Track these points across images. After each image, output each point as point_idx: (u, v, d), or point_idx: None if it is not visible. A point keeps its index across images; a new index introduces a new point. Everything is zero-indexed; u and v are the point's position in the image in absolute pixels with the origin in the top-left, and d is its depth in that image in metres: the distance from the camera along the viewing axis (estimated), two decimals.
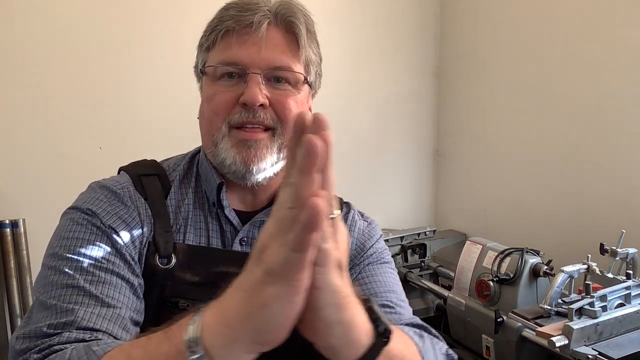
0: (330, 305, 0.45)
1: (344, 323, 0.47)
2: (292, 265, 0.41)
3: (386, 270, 0.85)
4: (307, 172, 0.40)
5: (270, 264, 0.42)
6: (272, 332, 0.44)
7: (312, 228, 0.40)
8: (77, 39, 1.87)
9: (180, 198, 0.81)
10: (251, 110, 0.74)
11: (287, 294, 0.42)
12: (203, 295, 0.55)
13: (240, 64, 0.75)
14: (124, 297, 0.68)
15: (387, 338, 0.52)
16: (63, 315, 0.62)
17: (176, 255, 0.75)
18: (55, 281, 0.66)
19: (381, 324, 0.51)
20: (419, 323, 0.78)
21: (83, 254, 0.68)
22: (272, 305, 0.43)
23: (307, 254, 0.41)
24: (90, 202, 0.74)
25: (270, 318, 0.43)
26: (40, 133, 1.84)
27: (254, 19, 0.74)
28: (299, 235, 0.40)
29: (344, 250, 0.46)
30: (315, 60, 0.81)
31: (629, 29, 1.84)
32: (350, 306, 0.47)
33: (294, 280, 0.42)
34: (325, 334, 0.47)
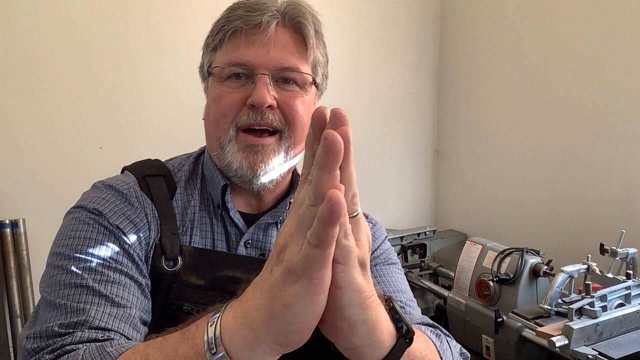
0: (354, 305, 0.44)
1: (368, 323, 0.46)
2: (313, 263, 0.40)
3: (394, 270, 0.85)
4: (328, 168, 0.39)
5: (290, 263, 0.41)
6: (296, 333, 0.43)
7: (332, 221, 0.38)
8: (77, 39, 1.87)
9: (186, 199, 0.80)
10: (259, 111, 0.73)
11: (309, 293, 0.41)
12: (207, 299, 0.55)
13: (248, 65, 0.73)
14: (133, 297, 0.67)
15: (409, 339, 0.51)
16: (74, 315, 0.61)
17: (182, 258, 0.74)
18: (63, 280, 0.65)
19: (404, 324, 0.51)
20: (430, 322, 0.78)
21: (90, 253, 0.67)
22: (294, 305, 0.42)
23: (328, 250, 0.40)
24: (97, 202, 0.73)
25: (293, 319, 0.42)
26: (40, 133, 1.84)
27: (262, 19, 0.73)
28: (319, 230, 0.39)
29: (366, 248, 0.45)
30: (323, 61, 0.80)
31: (629, 30, 1.84)
32: (374, 306, 0.46)
33: (316, 279, 0.41)
34: (349, 334, 0.46)
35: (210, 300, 0.49)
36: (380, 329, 0.47)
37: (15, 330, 1.79)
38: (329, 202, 0.38)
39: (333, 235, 0.40)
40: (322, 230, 0.39)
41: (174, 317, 0.71)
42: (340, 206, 0.38)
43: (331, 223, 0.39)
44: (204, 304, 0.50)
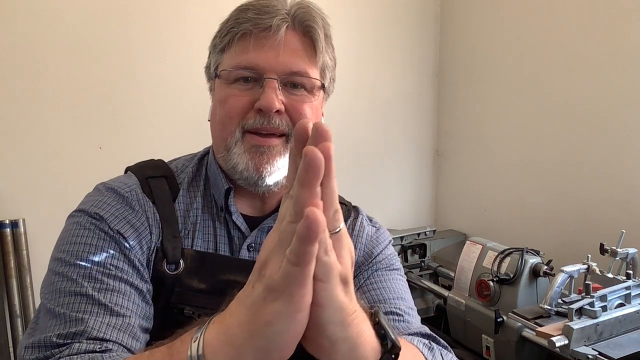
0: (335, 323, 0.44)
1: (350, 340, 0.46)
2: (293, 281, 0.40)
3: (395, 277, 0.84)
4: (307, 184, 0.39)
5: (271, 280, 0.41)
6: (277, 351, 0.43)
7: (310, 239, 0.38)
8: (77, 39, 1.87)
9: (189, 202, 0.79)
10: (266, 116, 0.72)
11: (289, 311, 0.41)
12: (209, 303, 0.55)
13: (257, 69, 0.72)
14: (133, 305, 0.67)
15: (395, 354, 0.51)
16: (72, 325, 0.61)
17: (184, 261, 0.74)
18: (63, 288, 0.65)
19: (389, 340, 0.50)
20: (428, 332, 0.77)
21: (91, 260, 0.67)
22: (275, 323, 0.41)
23: (307, 268, 0.40)
24: (98, 206, 0.72)
25: (274, 336, 0.42)
26: (40, 133, 1.84)
27: (272, 23, 0.71)
28: (297, 248, 0.39)
29: (348, 265, 0.45)
30: (331, 64, 0.80)
31: (630, 30, 1.84)
32: (356, 323, 0.46)
33: (296, 296, 0.41)
34: (330, 351, 0.46)
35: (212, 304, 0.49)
36: (363, 345, 0.47)
37: (15, 330, 1.79)
38: (307, 220, 0.38)
39: (312, 253, 0.39)
40: (300, 248, 0.39)
41: (176, 321, 0.70)
42: (317, 224, 0.38)
43: (309, 241, 0.38)
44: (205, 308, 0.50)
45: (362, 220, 0.88)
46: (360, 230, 0.86)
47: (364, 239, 0.85)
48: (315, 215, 0.38)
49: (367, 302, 0.78)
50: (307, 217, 0.38)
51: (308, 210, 0.38)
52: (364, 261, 0.83)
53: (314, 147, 0.39)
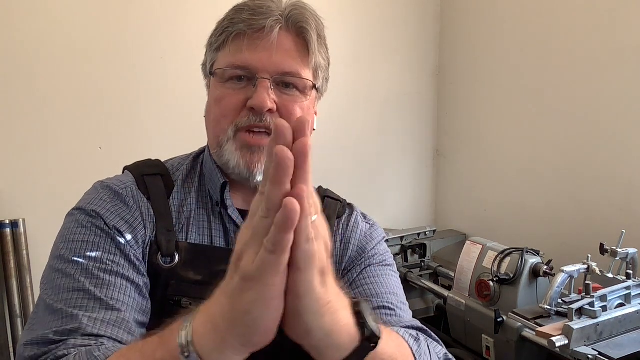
0: (311, 313, 0.46)
1: (325, 328, 0.48)
2: (268, 269, 0.42)
3: (387, 272, 0.85)
4: (278, 182, 0.41)
5: (246, 271, 0.43)
6: (257, 335, 0.46)
7: (287, 228, 0.40)
8: (77, 39, 1.87)
9: (182, 197, 0.81)
10: (258, 114, 0.74)
11: (264, 299, 0.44)
12: (205, 294, 0.55)
13: (251, 68, 0.75)
14: (129, 299, 0.69)
15: (374, 342, 0.52)
16: (68, 322, 0.64)
17: (179, 253, 0.76)
18: (62, 284, 0.67)
19: (367, 328, 0.52)
20: (419, 326, 0.78)
21: (88, 256, 0.69)
22: (252, 311, 0.44)
23: (282, 256, 0.42)
24: (94, 203, 0.75)
25: (253, 323, 0.45)
26: (40, 133, 1.84)
27: (266, 24, 0.74)
28: (275, 236, 0.41)
29: (324, 254, 0.46)
30: (324, 65, 0.82)
31: (630, 30, 1.84)
32: (331, 312, 0.48)
33: (270, 285, 0.43)
34: (307, 337, 0.48)
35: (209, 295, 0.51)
36: (339, 332, 0.49)
37: (15, 330, 1.79)
38: (285, 209, 0.40)
39: (288, 240, 0.41)
40: (278, 237, 0.41)
41: (173, 313, 0.72)
42: (294, 213, 0.40)
43: (287, 229, 0.40)
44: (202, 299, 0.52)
45: (357, 216, 0.90)
46: (354, 226, 0.88)
47: (357, 235, 0.87)
48: (293, 205, 0.40)
49: (359, 296, 0.79)
50: (286, 206, 0.40)
51: (286, 200, 0.40)
52: (357, 256, 0.85)
53: (284, 147, 0.41)
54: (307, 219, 0.42)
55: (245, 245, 0.44)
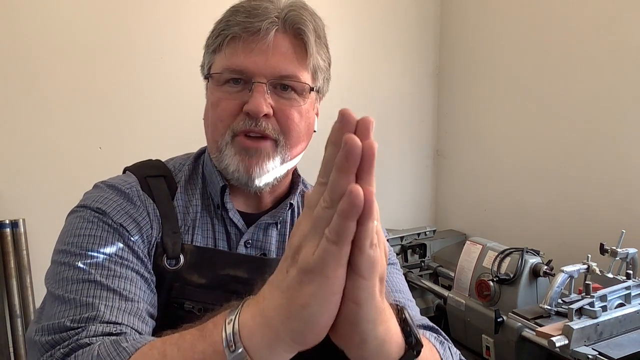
0: (369, 321, 0.45)
1: (379, 337, 0.47)
2: (330, 260, 0.40)
3: (392, 270, 0.85)
4: (345, 171, 0.39)
5: (306, 263, 0.42)
6: (313, 333, 0.44)
7: (352, 215, 0.39)
8: (77, 39, 1.87)
9: (187, 199, 0.81)
10: (254, 119, 0.73)
11: (325, 293, 0.42)
12: (209, 298, 0.55)
13: (246, 72, 0.74)
14: (140, 291, 0.68)
15: (418, 351, 0.52)
16: (84, 310, 0.62)
17: (184, 256, 0.75)
18: (71, 276, 0.66)
19: (413, 337, 0.51)
20: (430, 324, 0.78)
21: (96, 250, 0.68)
22: (311, 305, 0.42)
23: (345, 247, 0.40)
24: (100, 201, 0.74)
25: (310, 318, 0.43)
26: (40, 133, 1.84)
27: (261, 26, 0.72)
28: (338, 224, 0.39)
29: (384, 262, 0.45)
30: (324, 65, 0.80)
31: (630, 30, 1.84)
32: (386, 320, 0.47)
33: (332, 277, 0.41)
34: (360, 347, 0.47)
35: (212, 298, 0.50)
36: (390, 342, 0.48)
37: (15, 330, 1.79)
38: (349, 195, 0.38)
39: (351, 230, 0.40)
40: (341, 224, 0.39)
41: (176, 316, 0.72)
42: (359, 199, 0.38)
43: (351, 216, 0.39)
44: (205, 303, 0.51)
45: None
46: None
47: None
48: (358, 191, 0.38)
49: None
50: (351, 192, 0.38)
51: (352, 187, 0.38)
52: None
53: (354, 136, 0.39)
54: (373, 221, 0.40)
55: (304, 237, 0.42)
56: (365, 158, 0.40)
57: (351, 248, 0.41)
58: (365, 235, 0.40)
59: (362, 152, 0.40)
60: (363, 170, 0.40)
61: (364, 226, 0.40)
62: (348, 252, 0.41)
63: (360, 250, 0.41)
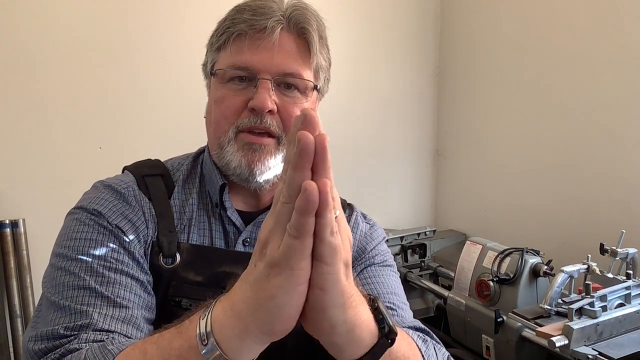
0: (336, 306, 0.46)
1: (348, 322, 0.48)
2: (293, 253, 0.43)
3: (388, 272, 0.85)
4: (300, 167, 0.41)
5: (272, 257, 0.44)
6: (280, 323, 0.46)
7: (308, 211, 0.41)
8: (77, 39, 1.87)
9: (184, 198, 0.81)
10: (259, 115, 0.74)
11: (291, 284, 0.44)
12: (206, 295, 0.55)
13: (252, 69, 0.74)
14: (135, 296, 0.69)
15: (391, 339, 0.52)
16: (78, 317, 0.63)
17: (180, 254, 0.76)
18: (66, 282, 0.67)
19: (386, 324, 0.52)
20: (421, 326, 0.78)
21: (92, 254, 0.69)
22: (277, 296, 0.44)
23: (306, 240, 0.42)
24: (96, 202, 0.74)
25: (277, 309, 0.45)
26: (40, 133, 1.84)
27: (267, 24, 0.73)
28: (297, 221, 0.41)
29: (348, 248, 0.47)
30: (325, 65, 0.81)
31: (630, 30, 1.84)
32: (354, 305, 0.48)
33: (297, 269, 0.43)
34: (330, 332, 0.48)
35: (209, 296, 0.51)
36: (360, 327, 0.49)
37: (15, 330, 1.79)
38: (304, 192, 0.40)
39: (310, 225, 0.42)
40: (300, 220, 0.41)
41: (173, 314, 0.72)
42: (314, 195, 0.40)
43: (307, 213, 0.41)
44: (202, 300, 0.52)
45: (357, 217, 0.90)
46: (354, 226, 0.88)
47: (358, 235, 0.87)
48: (312, 187, 0.40)
49: None
50: (305, 189, 0.40)
51: (305, 183, 0.40)
52: (358, 257, 0.85)
53: (306, 133, 0.41)
54: (331, 212, 0.42)
55: (270, 232, 0.44)
56: (319, 151, 0.41)
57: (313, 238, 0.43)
58: (325, 225, 0.42)
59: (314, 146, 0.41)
60: (317, 163, 0.42)
61: (322, 218, 0.42)
62: (311, 244, 0.43)
63: (320, 240, 0.43)
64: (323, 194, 0.41)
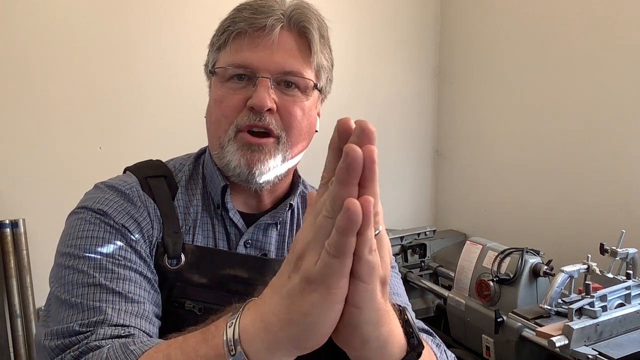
0: (370, 323, 0.45)
1: (381, 339, 0.47)
2: (332, 272, 0.40)
3: (390, 274, 0.85)
4: (347, 183, 0.39)
5: (308, 273, 0.42)
6: (313, 340, 0.44)
7: (350, 231, 0.39)
8: (77, 39, 1.87)
9: (187, 200, 0.81)
10: (258, 114, 0.74)
11: (327, 303, 0.42)
12: (210, 297, 0.56)
13: (251, 67, 0.74)
14: (144, 292, 0.69)
15: (419, 353, 0.52)
16: (92, 314, 0.63)
17: (185, 256, 0.75)
18: (75, 280, 0.66)
19: (415, 338, 0.51)
20: (425, 328, 0.78)
21: (99, 252, 0.69)
22: (312, 314, 0.42)
23: (346, 260, 0.40)
24: (100, 202, 0.74)
25: (310, 326, 0.43)
26: (40, 133, 1.84)
27: (267, 23, 0.73)
28: (337, 240, 0.39)
29: (388, 266, 0.46)
30: (327, 65, 0.81)
31: (630, 30, 1.84)
32: (388, 321, 0.47)
33: (335, 288, 0.41)
34: (362, 349, 0.47)
35: (213, 298, 0.51)
36: (392, 343, 0.48)
37: (15, 331, 1.79)
38: (347, 212, 0.38)
39: (351, 244, 0.40)
40: (340, 240, 0.39)
41: (177, 315, 0.72)
42: (357, 215, 0.38)
43: (349, 232, 0.39)
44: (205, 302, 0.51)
45: None
46: None
47: None
48: (355, 207, 0.38)
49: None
50: (348, 208, 0.38)
51: (348, 202, 0.38)
52: None
53: (355, 146, 0.39)
54: (371, 230, 0.41)
55: (307, 244, 0.42)
56: (367, 167, 0.40)
57: None
58: (364, 244, 0.40)
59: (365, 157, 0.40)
60: (366, 179, 0.40)
61: (362, 236, 0.40)
62: (350, 263, 0.41)
63: (359, 258, 0.41)
64: (366, 213, 0.39)
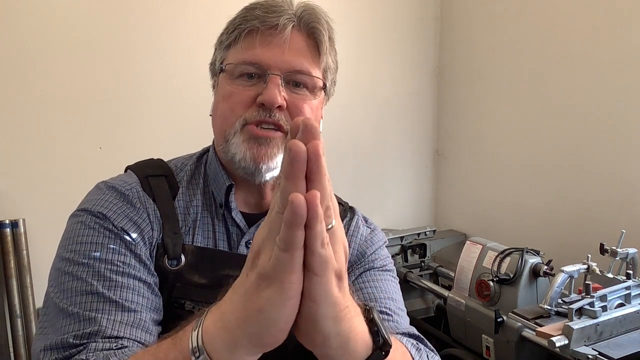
0: (328, 318, 0.45)
1: (342, 335, 0.47)
2: (283, 267, 0.41)
3: (387, 277, 0.85)
4: (292, 177, 0.40)
5: (263, 268, 0.43)
6: (269, 335, 0.45)
7: (296, 224, 0.39)
8: (77, 39, 1.87)
9: (188, 199, 0.81)
10: (268, 110, 0.74)
11: (281, 298, 0.43)
12: (209, 298, 0.55)
13: (262, 65, 0.74)
14: (143, 299, 0.69)
15: (385, 351, 0.52)
16: (87, 325, 0.63)
17: (185, 256, 0.75)
18: (74, 288, 0.67)
19: (381, 337, 0.51)
20: (415, 333, 0.78)
21: (98, 258, 0.69)
22: (267, 309, 0.43)
23: (295, 253, 0.41)
24: (100, 205, 0.74)
25: (266, 322, 0.44)
26: (40, 133, 1.84)
27: (279, 21, 0.74)
28: (285, 234, 0.40)
29: (342, 260, 0.46)
30: (333, 67, 0.82)
31: (630, 30, 1.84)
32: (349, 317, 0.47)
33: (287, 283, 0.42)
34: (323, 345, 0.47)
35: (213, 298, 0.51)
36: (354, 340, 0.48)
37: (15, 331, 1.79)
38: (291, 205, 0.39)
39: (299, 238, 0.40)
40: (288, 234, 0.40)
41: (177, 316, 0.72)
42: (301, 208, 0.39)
43: (295, 226, 0.40)
44: (206, 303, 0.52)
45: (358, 220, 0.89)
46: (355, 230, 0.88)
47: (358, 239, 0.87)
48: (299, 200, 0.39)
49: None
50: (292, 202, 0.39)
51: (292, 196, 0.39)
52: (357, 260, 0.84)
53: (298, 141, 0.40)
54: (321, 223, 0.41)
55: (263, 242, 0.44)
56: (312, 160, 0.40)
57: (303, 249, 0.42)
58: (314, 238, 0.41)
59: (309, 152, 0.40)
60: (312, 172, 0.41)
61: (311, 230, 0.40)
62: (301, 257, 0.42)
63: (311, 251, 0.42)
64: (312, 206, 0.39)
